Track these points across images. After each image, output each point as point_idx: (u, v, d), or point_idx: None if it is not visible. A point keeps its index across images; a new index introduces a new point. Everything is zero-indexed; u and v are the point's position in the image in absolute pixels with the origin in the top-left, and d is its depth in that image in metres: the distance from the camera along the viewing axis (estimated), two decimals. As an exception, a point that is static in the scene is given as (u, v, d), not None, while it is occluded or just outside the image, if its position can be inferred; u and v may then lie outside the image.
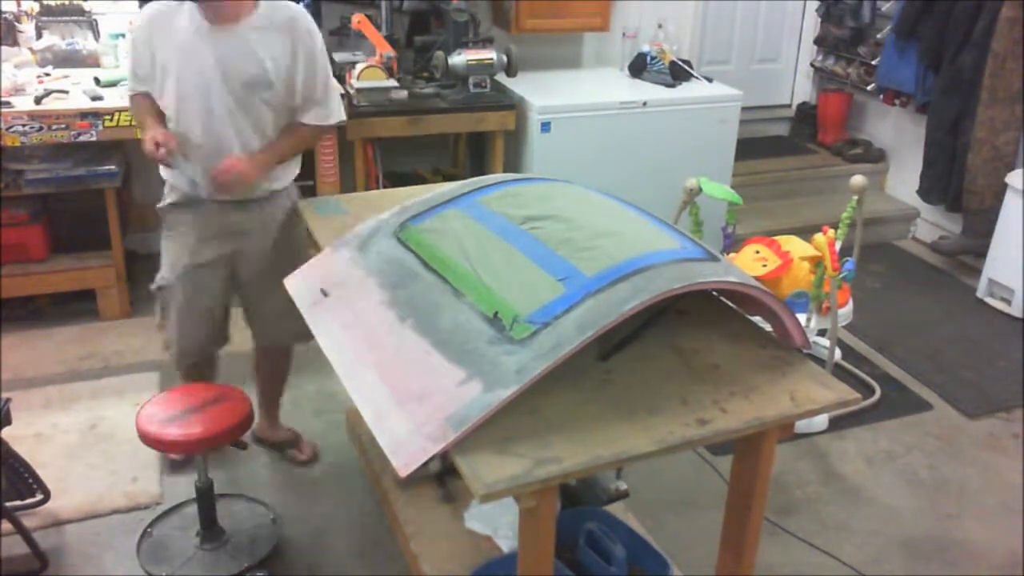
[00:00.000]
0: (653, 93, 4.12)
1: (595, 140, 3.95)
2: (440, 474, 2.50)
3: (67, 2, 3.63)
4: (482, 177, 2.44)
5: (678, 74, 4.25)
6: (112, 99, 3.30)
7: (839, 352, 3.36)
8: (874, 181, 4.99)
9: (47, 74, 3.48)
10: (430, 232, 2.11)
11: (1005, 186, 4.04)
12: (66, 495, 2.63)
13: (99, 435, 2.93)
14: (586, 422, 1.67)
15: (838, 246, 2.98)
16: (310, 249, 2.43)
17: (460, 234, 2.04)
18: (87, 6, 3.68)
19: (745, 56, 5.31)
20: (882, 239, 4.85)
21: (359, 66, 3.66)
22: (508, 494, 1.51)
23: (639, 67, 4.33)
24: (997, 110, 4.15)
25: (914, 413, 3.32)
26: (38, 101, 3.20)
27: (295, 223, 2.57)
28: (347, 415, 2.98)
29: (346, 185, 3.73)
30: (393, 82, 3.70)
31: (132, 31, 2.44)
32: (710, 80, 4.33)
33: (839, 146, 5.21)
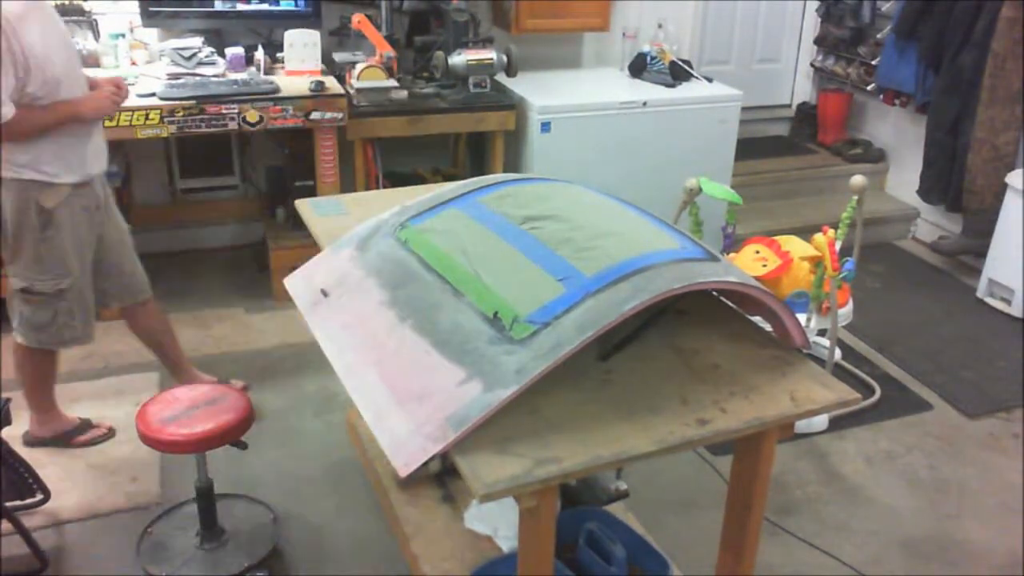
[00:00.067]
0: (653, 93, 4.13)
1: (595, 140, 3.95)
2: (440, 474, 2.50)
3: (67, 2, 3.62)
4: (482, 177, 2.44)
5: (678, 74, 4.25)
6: (112, 99, 3.29)
7: (839, 352, 3.36)
8: (874, 181, 4.99)
9: (47, 74, 3.47)
10: (430, 232, 2.11)
11: (1005, 186, 4.04)
12: (66, 495, 2.63)
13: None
14: (586, 422, 1.67)
15: (838, 246, 2.98)
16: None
17: (460, 234, 2.05)
18: (87, 6, 3.67)
19: (745, 56, 5.31)
20: (882, 239, 4.85)
21: (359, 66, 3.67)
22: (508, 494, 1.51)
23: (639, 67, 4.33)
24: (997, 110, 4.15)
25: (914, 413, 3.32)
26: (38, 101, 3.19)
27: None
28: (347, 415, 2.98)
29: (346, 185, 3.73)
30: (393, 82, 3.70)
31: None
32: (710, 80, 4.33)
33: (839, 146, 5.21)
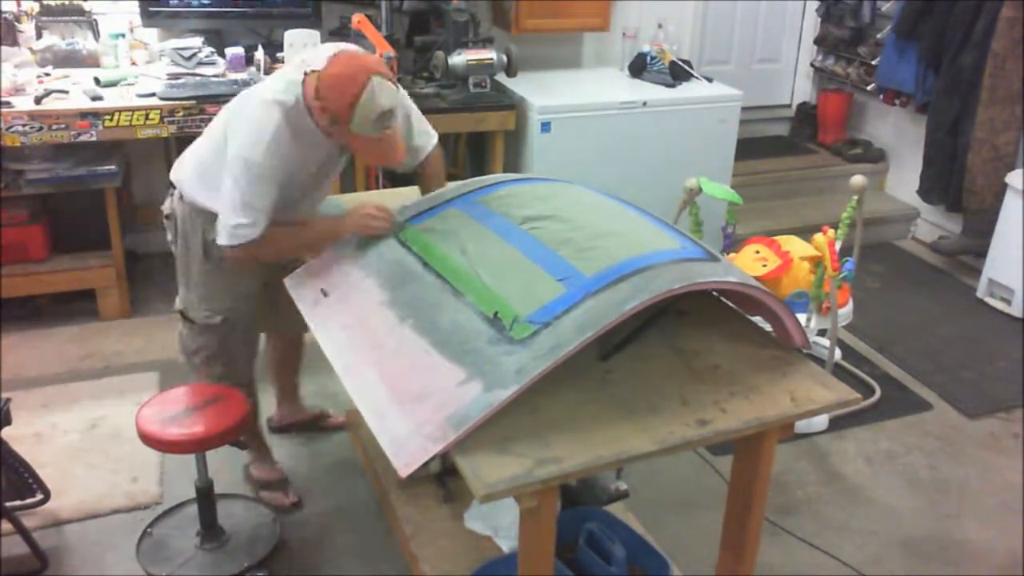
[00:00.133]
0: (653, 93, 4.12)
1: (595, 140, 3.95)
2: (440, 474, 2.50)
3: (67, 2, 3.62)
4: (482, 177, 2.45)
5: (678, 74, 4.24)
6: (112, 99, 3.29)
7: (839, 352, 3.36)
8: (874, 181, 4.99)
9: (47, 74, 3.47)
10: (430, 232, 2.11)
11: (1005, 186, 4.04)
12: (66, 495, 2.63)
13: (99, 435, 2.93)
14: (586, 422, 1.67)
15: (838, 246, 2.98)
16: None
17: (460, 234, 2.05)
18: (87, 6, 3.67)
19: (745, 56, 5.31)
20: (882, 239, 4.85)
21: (359, 66, 3.65)
22: (509, 494, 1.51)
23: (639, 67, 4.33)
24: (997, 110, 4.15)
25: (914, 413, 3.32)
26: (38, 101, 3.19)
27: None
28: (347, 415, 2.98)
29: (346, 185, 3.73)
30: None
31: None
32: (710, 80, 4.33)
33: (839, 146, 5.20)
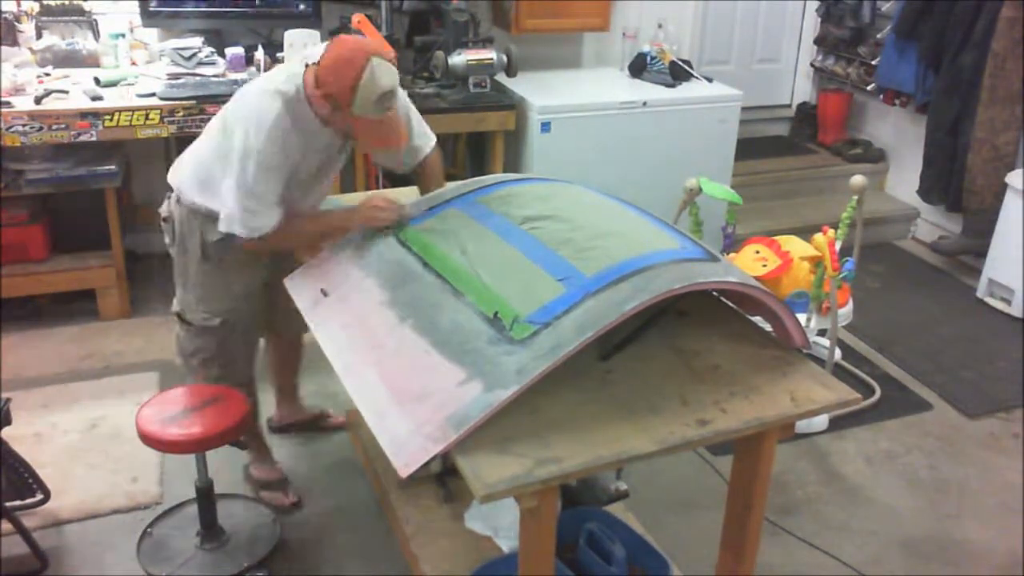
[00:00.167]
0: (653, 93, 4.12)
1: (595, 140, 3.95)
2: (440, 474, 2.50)
3: (67, 2, 3.62)
4: (482, 177, 2.45)
5: (678, 74, 4.24)
6: (112, 99, 3.29)
7: (839, 352, 3.36)
8: (874, 181, 4.99)
9: (47, 74, 3.48)
10: (430, 232, 2.11)
11: (1005, 186, 4.04)
12: (66, 495, 2.63)
13: (99, 435, 2.93)
14: (586, 422, 1.67)
15: (838, 246, 2.98)
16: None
17: (460, 234, 2.05)
18: (87, 6, 3.67)
19: (745, 56, 5.31)
20: (882, 239, 4.85)
21: (359, 66, 3.65)
22: (509, 494, 1.51)
23: (639, 67, 4.32)
24: (997, 110, 4.15)
25: (914, 413, 3.32)
26: (38, 101, 3.19)
27: None
28: (347, 415, 2.98)
29: (346, 185, 3.73)
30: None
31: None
32: (710, 80, 4.33)
33: (839, 146, 5.20)
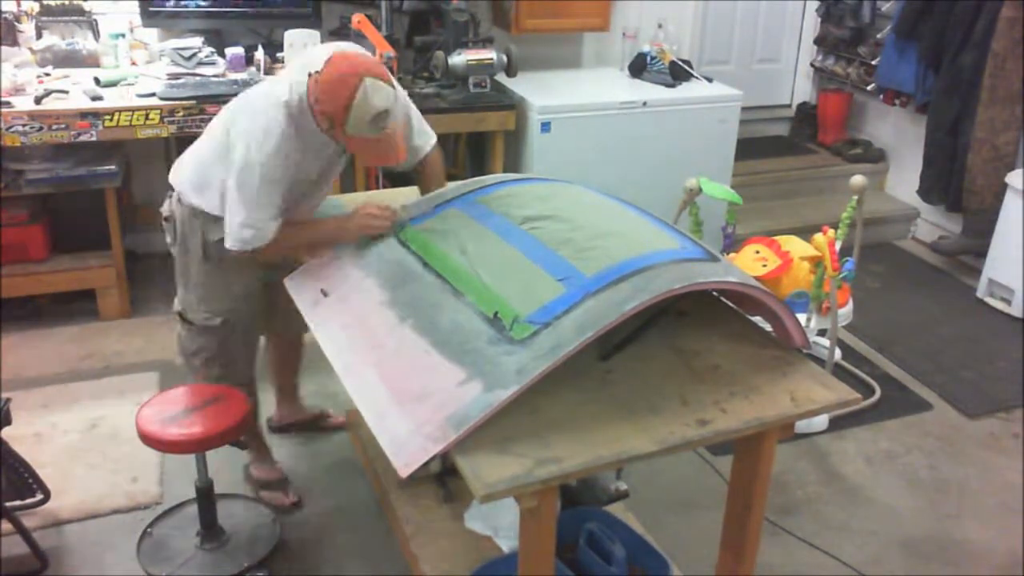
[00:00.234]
0: (653, 93, 4.12)
1: (595, 140, 3.95)
2: (440, 474, 2.50)
3: (67, 2, 3.62)
4: (482, 177, 2.45)
5: (678, 74, 4.24)
6: (112, 99, 3.29)
7: (839, 352, 3.35)
8: (874, 181, 4.99)
9: (47, 74, 3.48)
10: (430, 232, 2.11)
11: (1005, 186, 4.04)
12: (66, 495, 2.63)
13: (99, 435, 2.93)
14: (586, 422, 1.67)
15: (838, 246, 2.98)
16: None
17: (460, 234, 2.05)
18: (87, 6, 3.67)
19: (745, 56, 5.31)
20: (882, 239, 4.85)
21: (359, 66, 3.65)
22: (509, 494, 1.51)
23: (639, 67, 4.32)
24: (997, 110, 4.15)
25: (914, 413, 3.32)
26: (38, 101, 3.19)
27: None
28: (347, 415, 2.98)
29: (346, 185, 3.73)
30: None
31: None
32: (710, 80, 4.33)
33: (839, 146, 5.20)
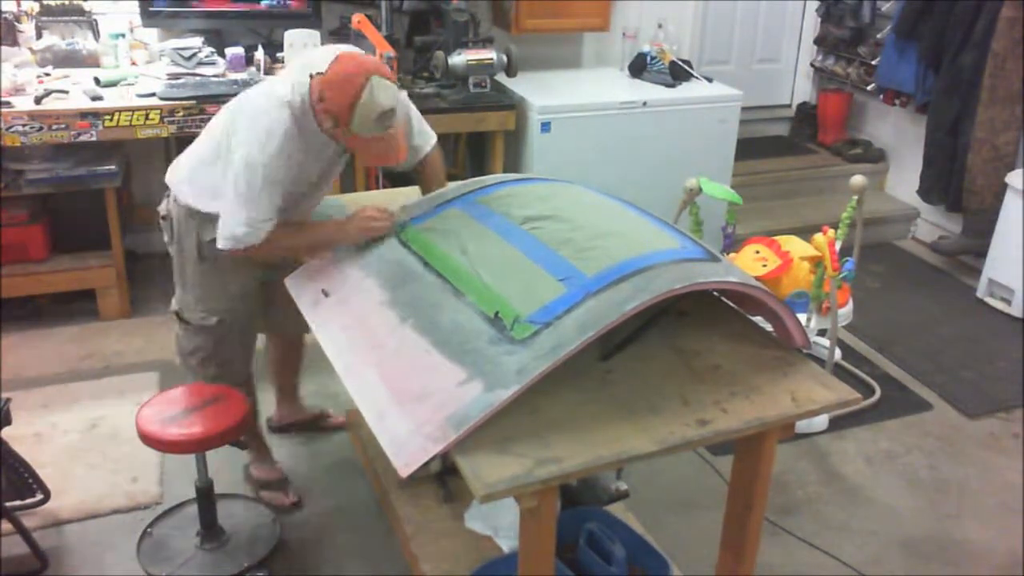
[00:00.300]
0: (653, 93, 4.12)
1: (595, 140, 3.95)
2: (441, 474, 2.50)
3: (67, 2, 3.62)
4: (482, 177, 2.45)
5: (678, 74, 4.24)
6: (112, 99, 3.29)
7: (839, 352, 3.35)
8: (874, 181, 4.99)
9: (47, 74, 3.47)
10: (430, 232, 2.11)
11: (1005, 186, 4.04)
12: (66, 495, 2.63)
13: (99, 435, 2.93)
14: (587, 422, 1.67)
15: (838, 246, 2.98)
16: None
17: (461, 234, 2.05)
18: (87, 6, 3.67)
19: (745, 56, 5.31)
20: (882, 239, 4.85)
21: (359, 66, 3.65)
22: (509, 494, 1.51)
23: (639, 67, 4.33)
24: (997, 110, 4.15)
25: (914, 413, 3.32)
26: (38, 101, 3.19)
27: None
28: (347, 415, 2.98)
29: (346, 185, 3.73)
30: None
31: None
32: (710, 80, 4.33)
33: (839, 146, 5.21)
